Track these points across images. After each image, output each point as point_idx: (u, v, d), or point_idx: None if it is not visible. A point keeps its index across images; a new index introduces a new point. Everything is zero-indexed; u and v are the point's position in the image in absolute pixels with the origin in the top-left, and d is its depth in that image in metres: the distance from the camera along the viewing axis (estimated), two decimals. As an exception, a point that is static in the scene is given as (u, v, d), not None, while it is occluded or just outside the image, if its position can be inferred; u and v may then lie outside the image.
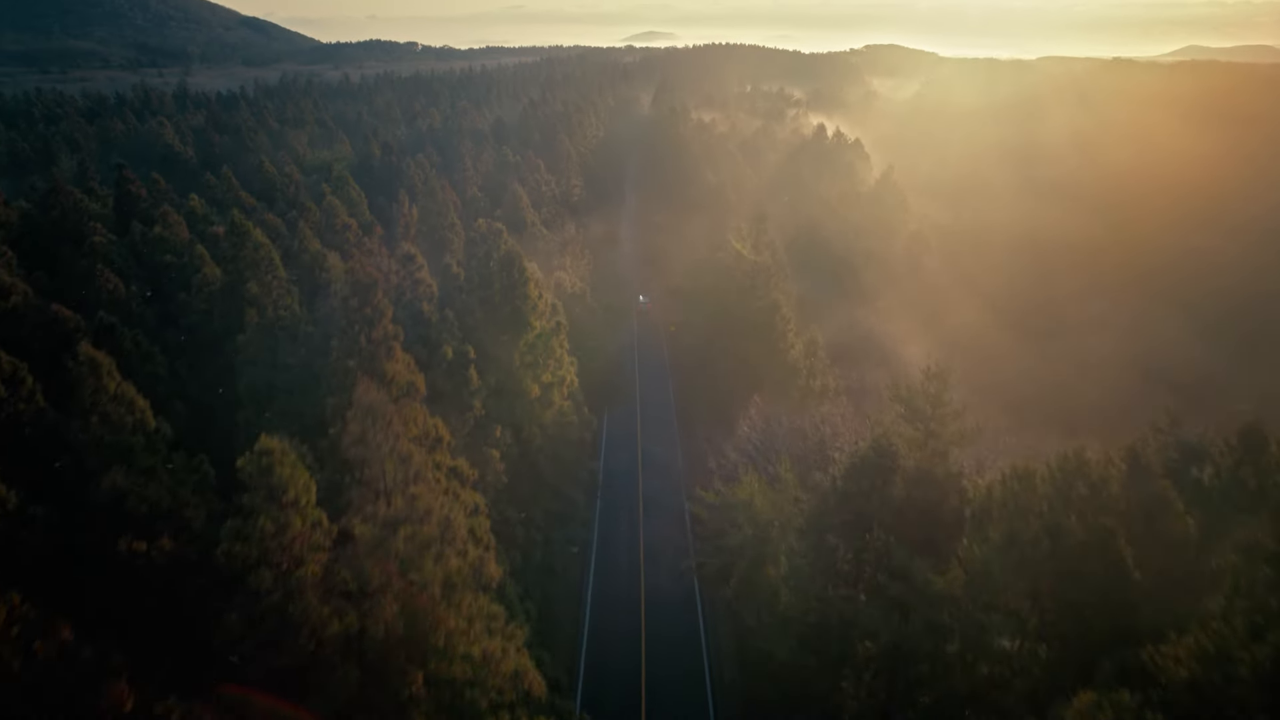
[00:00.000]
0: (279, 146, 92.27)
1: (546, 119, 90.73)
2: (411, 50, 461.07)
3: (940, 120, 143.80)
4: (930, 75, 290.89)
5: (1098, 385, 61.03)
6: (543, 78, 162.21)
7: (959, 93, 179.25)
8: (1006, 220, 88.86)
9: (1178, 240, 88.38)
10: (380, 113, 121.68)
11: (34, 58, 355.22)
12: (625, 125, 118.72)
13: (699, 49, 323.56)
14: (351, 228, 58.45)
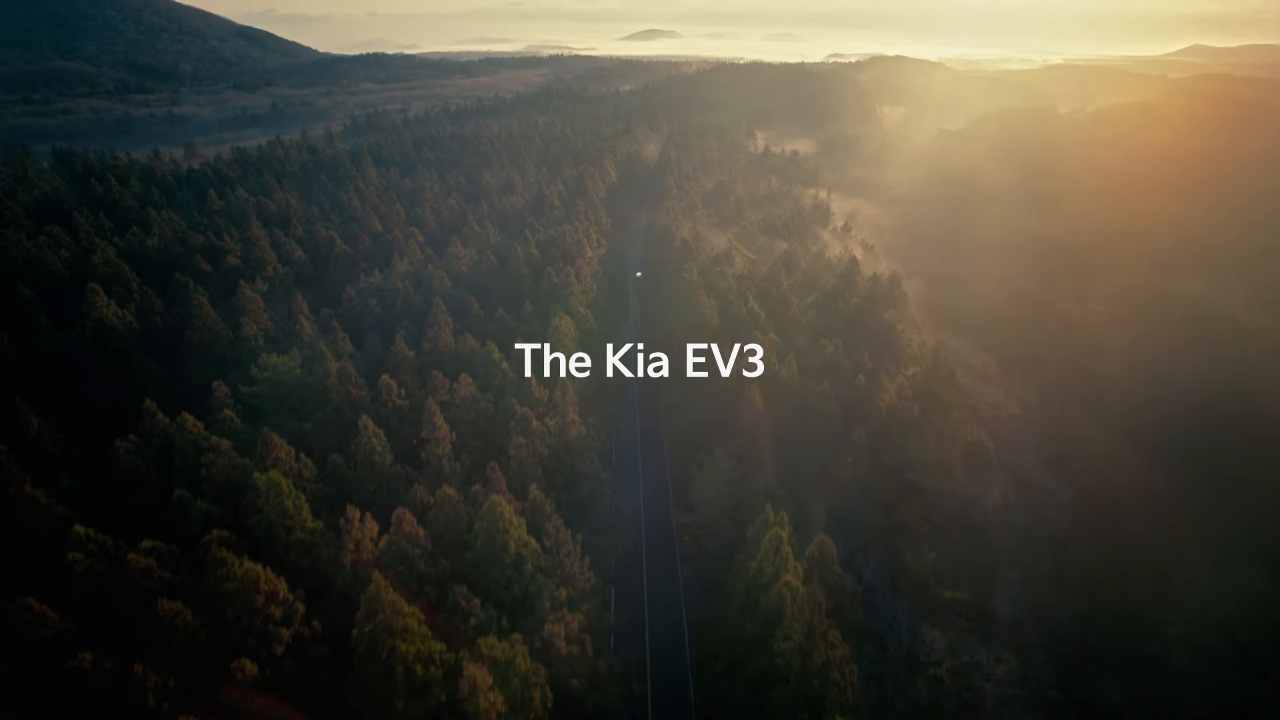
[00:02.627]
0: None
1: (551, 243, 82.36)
2: (408, 64, 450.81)
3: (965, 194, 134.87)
4: (942, 107, 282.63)
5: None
6: (542, 138, 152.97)
7: (978, 143, 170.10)
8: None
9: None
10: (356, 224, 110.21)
11: (20, 80, 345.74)
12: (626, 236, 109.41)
13: (703, 73, 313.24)
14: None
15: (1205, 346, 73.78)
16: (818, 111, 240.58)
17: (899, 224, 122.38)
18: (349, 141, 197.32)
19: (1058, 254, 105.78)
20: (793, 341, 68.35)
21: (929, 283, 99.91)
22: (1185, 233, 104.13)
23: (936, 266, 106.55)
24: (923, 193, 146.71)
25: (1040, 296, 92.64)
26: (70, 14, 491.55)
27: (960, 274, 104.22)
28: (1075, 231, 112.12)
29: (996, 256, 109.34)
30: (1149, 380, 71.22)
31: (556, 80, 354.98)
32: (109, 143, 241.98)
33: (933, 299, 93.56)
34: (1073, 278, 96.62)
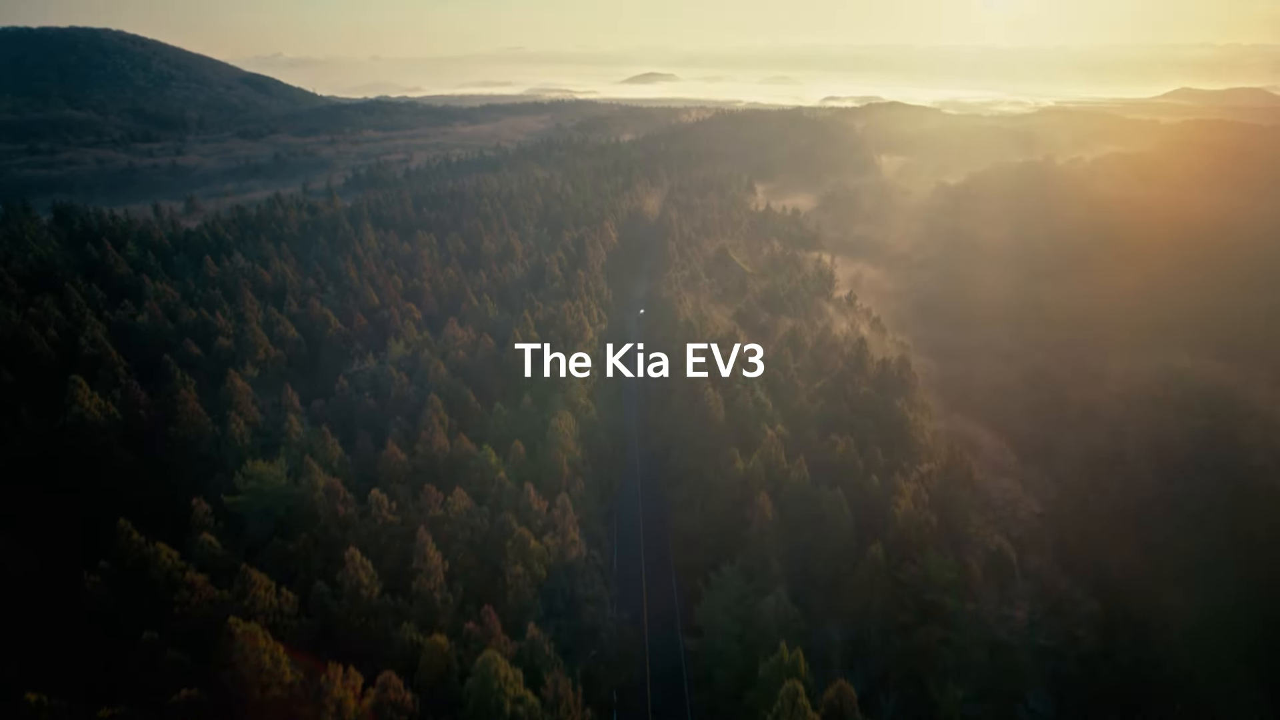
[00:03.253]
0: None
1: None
2: (411, 110, 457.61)
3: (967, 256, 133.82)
4: (939, 155, 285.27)
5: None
6: (542, 195, 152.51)
7: (978, 201, 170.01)
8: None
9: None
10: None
11: (28, 129, 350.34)
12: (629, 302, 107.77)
13: (702, 122, 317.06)
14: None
15: (1229, 434, 71.16)
16: (816, 163, 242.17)
17: (903, 289, 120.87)
18: (350, 196, 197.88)
19: (1067, 325, 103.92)
20: (802, 435, 65.72)
21: (937, 356, 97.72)
22: (1196, 304, 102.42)
23: (943, 337, 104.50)
24: (925, 253, 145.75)
25: (1052, 374, 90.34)
26: (81, 63, 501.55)
27: (968, 345, 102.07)
28: (1083, 300, 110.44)
29: (1004, 327, 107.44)
30: (1173, 472, 68.38)
31: (557, 129, 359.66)
32: (112, 195, 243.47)
33: (942, 376, 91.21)
34: (1085, 353, 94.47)
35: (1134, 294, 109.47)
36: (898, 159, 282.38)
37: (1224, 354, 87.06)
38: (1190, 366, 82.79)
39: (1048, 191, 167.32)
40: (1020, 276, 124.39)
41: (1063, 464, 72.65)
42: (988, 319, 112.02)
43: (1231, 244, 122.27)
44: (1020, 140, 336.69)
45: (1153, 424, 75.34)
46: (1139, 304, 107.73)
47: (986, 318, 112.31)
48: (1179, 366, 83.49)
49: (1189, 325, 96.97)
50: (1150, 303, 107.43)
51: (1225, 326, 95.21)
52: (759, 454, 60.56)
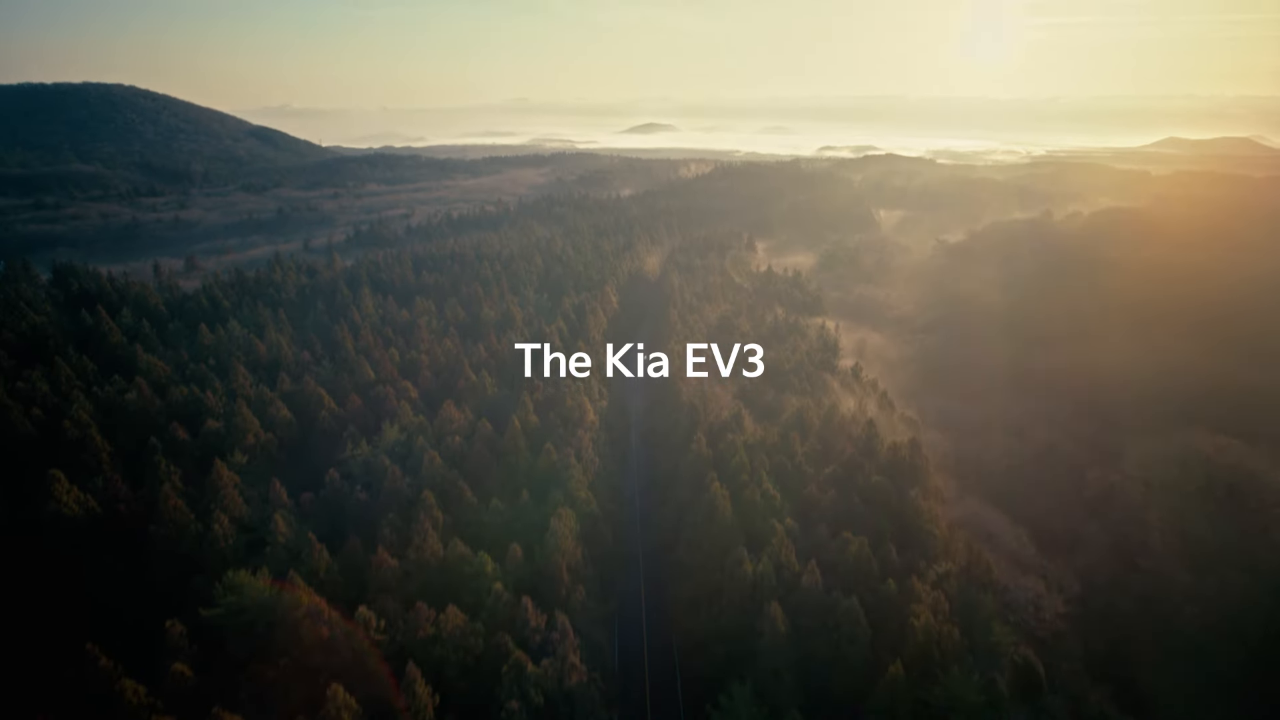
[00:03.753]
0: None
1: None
2: (414, 163, 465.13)
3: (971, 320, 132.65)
4: (937, 209, 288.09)
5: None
6: (543, 255, 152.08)
7: (979, 262, 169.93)
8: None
9: None
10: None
11: (36, 183, 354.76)
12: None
13: (702, 178, 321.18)
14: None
15: (1259, 526, 68.23)
16: (816, 218, 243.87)
17: (907, 356, 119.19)
18: (351, 254, 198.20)
19: (1076, 397, 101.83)
20: (812, 531, 62.81)
21: (946, 430, 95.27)
22: (1207, 377, 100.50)
23: (951, 409, 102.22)
24: (928, 316, 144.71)
25: (1066, 452, 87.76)
26: (91, 117, 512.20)
27: (977, 417, 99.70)
28: (1090, 370, 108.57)
29: (1012, 397, 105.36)
30: (1202, 567, 65.22)
31: (558, 182, 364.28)
32: (114, 250, 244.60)
33: (953, 454, 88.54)
34: (1097, 429, 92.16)
35: (1142, 364, 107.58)
36: (896, 213, 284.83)
37: (1241, 432, 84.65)
38: (1210, 448, 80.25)
39: (1048, 253, 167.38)
40: (1025, 343, 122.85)
41: (1085, 556, 69.52)
42: (995, 389, 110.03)
43: (1237, 310, 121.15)
44: (1015, 193, 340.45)
45: (1176, 512, 72.41)
46: (1148, 375, 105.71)
47: (994, 387, 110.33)
48: (1199, 447, 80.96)
49: (1201, 399, 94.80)
50: (1159, 373, 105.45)
51: (1239, 402, 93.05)
52: (768, 554, 57.54)
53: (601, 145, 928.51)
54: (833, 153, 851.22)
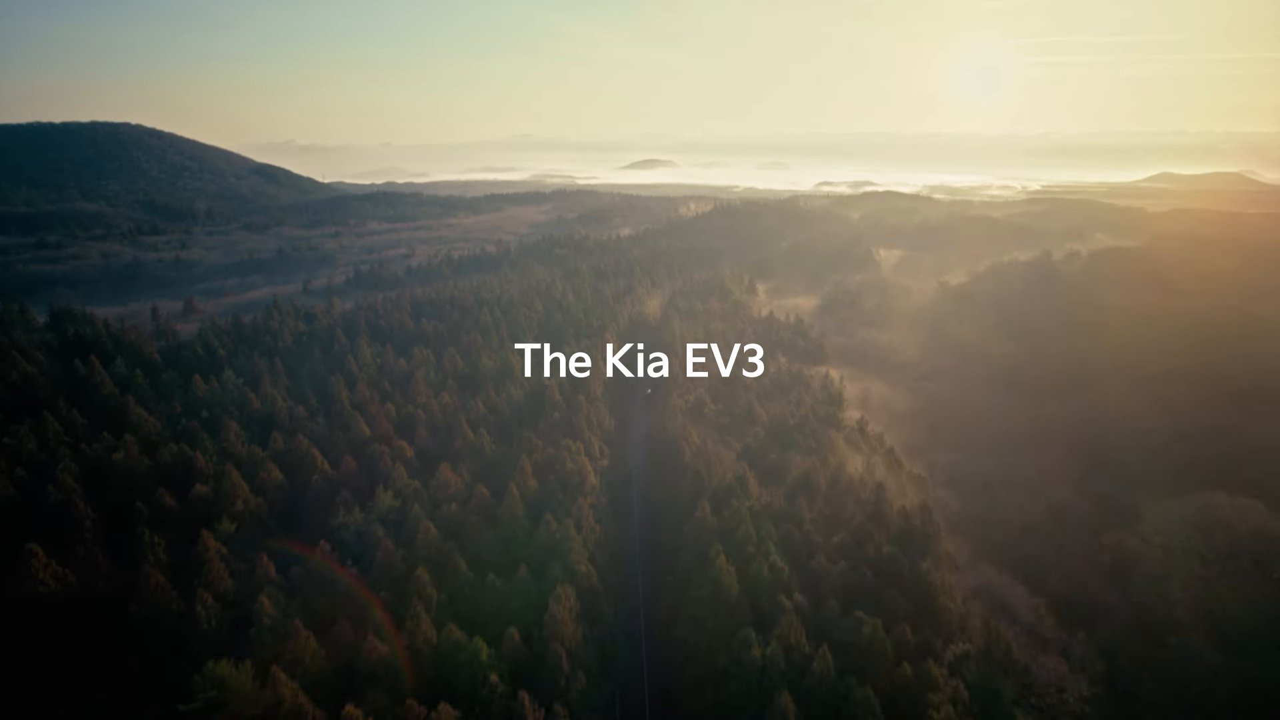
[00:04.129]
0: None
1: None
2: (416, 201, 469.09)
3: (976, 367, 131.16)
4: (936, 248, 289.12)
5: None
6: (543, 300, 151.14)
7: (982, 307, 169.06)
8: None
9: None
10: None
11: (40, 222, 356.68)
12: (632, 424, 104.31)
13: (701, 217, 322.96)
14: None
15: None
16: (816, 259, 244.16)
17: (913, 407, 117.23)
18: (351, 296, 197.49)
19: (1086, 452, 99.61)
20: (822, 607, 60.03)
21: (955, 488, 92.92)
22: (1217, 431, 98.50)
23: (959, 463, 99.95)
24: (932, 362, 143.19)
25: (1080, 513, 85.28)
26: (98, 155, 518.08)
27: (986, 473, 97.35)
28: (1099, 424, 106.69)
29: (1022, 451, 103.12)
30: (1233, 645, 62.34)
31: (559, 220, 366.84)
32: (115, 291, 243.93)
33: (964, 514, 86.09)
34: (1110, 486, 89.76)
35: (1151, 417, 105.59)
36: (895, 252, 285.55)
37: (1260, 492, 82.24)
38: (1229, 510, 77.82)
39: (1050, 298, 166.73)
40: (1030, 393, 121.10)
41: (1107, 629, 66.62)
42: (1003, 441, 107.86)
43: (1245, 363, 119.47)
44: (1013, 231, 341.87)
45: (1201, 582, 69.74)
46: (1158, 428, 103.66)
47: (1002, 440, 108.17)
48: (1217, 509, 78.52)
49: (1215, 457, 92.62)
50: (1169, 427, 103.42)
51: (1254, 460, 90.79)
52: (777, 637, 54.82)
53: (602, 181, 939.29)
54: (830, 188, 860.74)
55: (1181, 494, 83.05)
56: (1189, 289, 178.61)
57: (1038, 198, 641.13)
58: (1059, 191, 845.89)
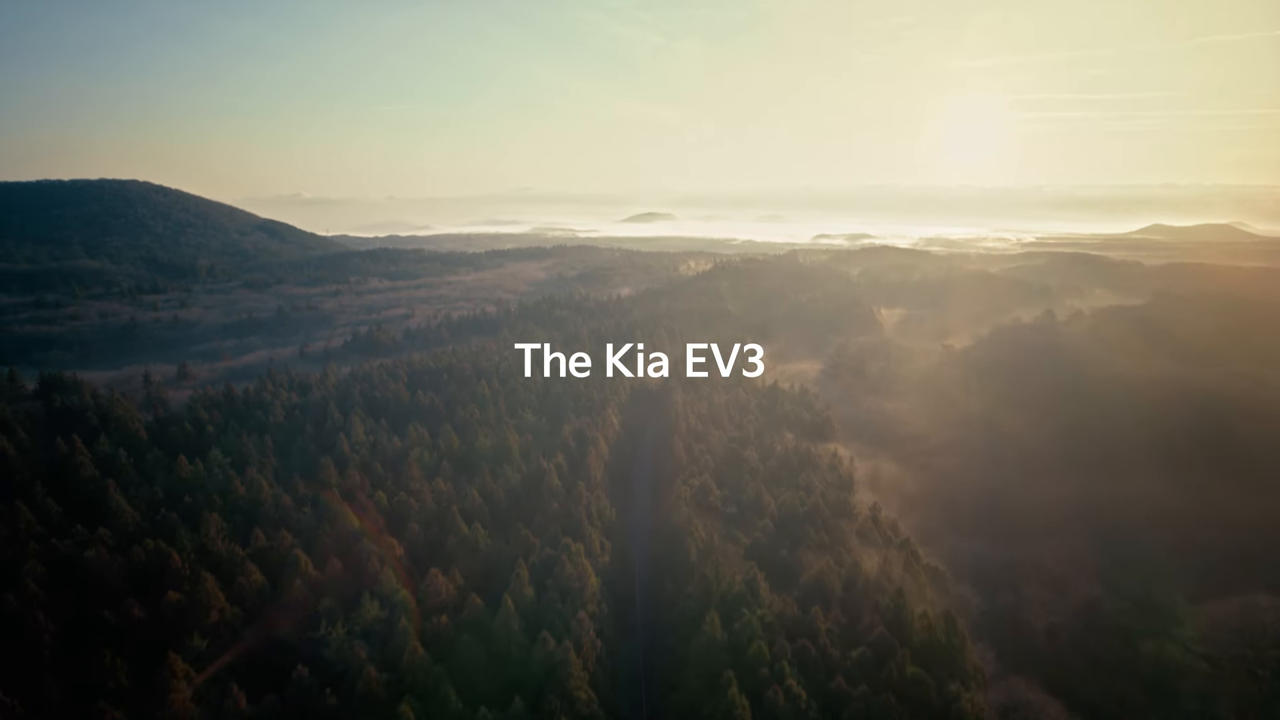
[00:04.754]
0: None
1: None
2: (417, 257, 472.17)
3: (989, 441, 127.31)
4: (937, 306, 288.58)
5: None
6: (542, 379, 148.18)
7: (989, 374, 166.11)
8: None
9: None
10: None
11: (42, 280, 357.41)
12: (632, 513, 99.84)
13: (702, 276, 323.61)
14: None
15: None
16: (817, 320, 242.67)
17: (925, 487, 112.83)
18: (348, 360, 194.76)
19: (1112, 541, 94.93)
20: (845, 741, 54.82)
21: (977, 583, 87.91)
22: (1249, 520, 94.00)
23: (979, 553, 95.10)
24: (940, 434, 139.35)
25: (1114, 613, 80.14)
26: (104, 211, 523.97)
27: (1008, 564, 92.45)
28: (1122, 508, 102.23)
29: (1043, 538, 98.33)
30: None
31: (559, 278, 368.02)
32: (110, 352, 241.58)
33: (988, 613, 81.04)
34: (1143, 583, 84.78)
35: (1175, 502, 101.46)
36: (896, 311, 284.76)
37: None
38: (1275, 616, 72.82)
39: (1058, 365, 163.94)
40: (1045, 472, 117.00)
41: (1153, 758, 61.01)
42: (1021, 525, 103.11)
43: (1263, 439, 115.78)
44: (1012, 287, 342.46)
45: (1253, 701, 64.36)
46: (1181, 512, 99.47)
47: (1019, 524, 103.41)
48: (1261, 614, 73.57)
49: (1252, 550, 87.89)
50: (1192, 510, 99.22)
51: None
52: (798, 783, 49.55)
53: (602, 234, 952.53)
54: (828, 241, 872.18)
55: (1221, 594, 78.24)
56: (1197, 353, 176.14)
57: (1033, 251, 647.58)
58: (1054, 244, 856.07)
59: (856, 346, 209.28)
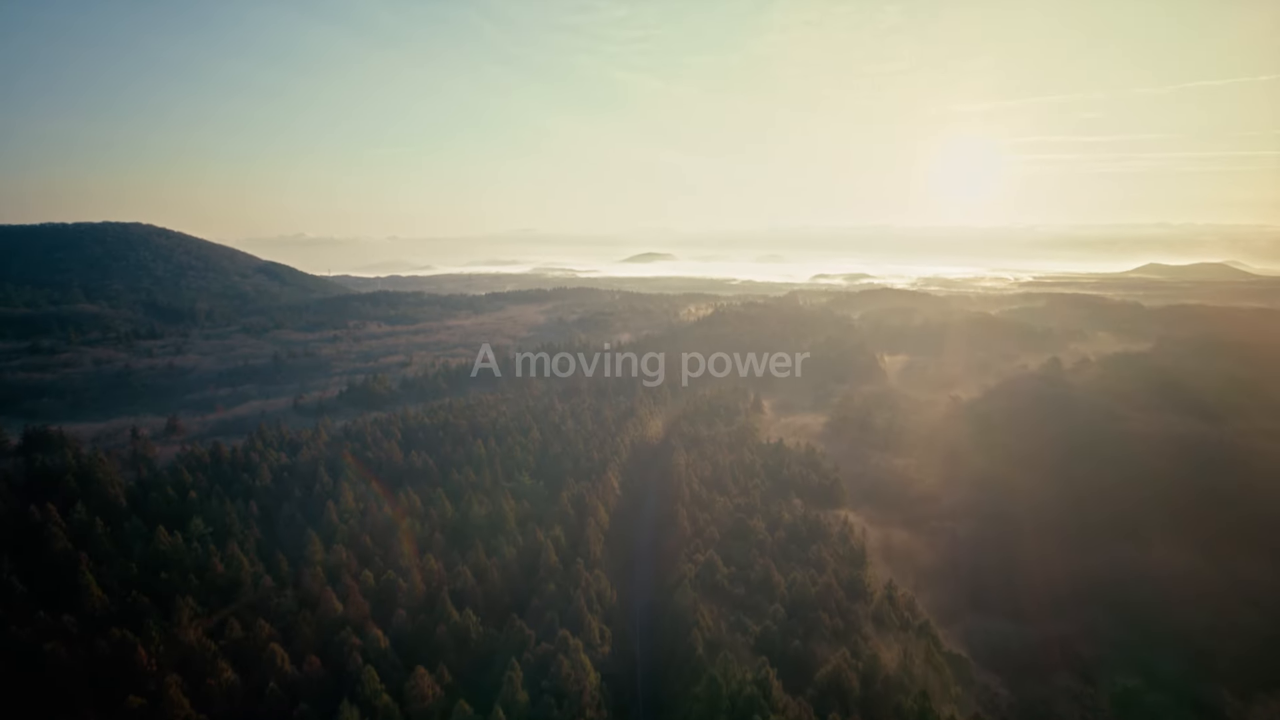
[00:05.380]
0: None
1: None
2: (417, 300, 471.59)
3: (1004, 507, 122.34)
4: (940, 351, 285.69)
5: None
6: (539, 426, 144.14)
7: (1000, 429, 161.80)
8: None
9: None
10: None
11: (39, 324, 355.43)
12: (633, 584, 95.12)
13: (703, 322, 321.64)
14: None
15: None
16: (820, 368, 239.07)
17: (941, 559, 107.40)
18: (341, 414, 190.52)
19: (1149, 623, 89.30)
20: None
21: (1003, 670, 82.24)
22: None
23: (1004, 635, 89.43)
24: (952, 495, 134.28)
25: (1156, 709, 74.40)
26: (106, 254, 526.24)
27: (1036, 648, 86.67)
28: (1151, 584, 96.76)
29: (1070, 618, 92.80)
30: None
31: (559, 322, 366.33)
32: (101, 402, 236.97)
33: (1018, 708, 75.30)
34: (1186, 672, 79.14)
35: (1211, 580, 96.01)
36: (899, 357, 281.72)
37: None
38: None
39: (1070, 419, 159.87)
40: (1065, 539, 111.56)
41: None
42: (1045, 602, 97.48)
43: None
44: (1014, 331, 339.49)
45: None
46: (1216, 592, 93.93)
47: (1043, 600, 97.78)
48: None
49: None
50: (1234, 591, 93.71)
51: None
52: None
53: (603, 275, 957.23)
54: (827, 281, 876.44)
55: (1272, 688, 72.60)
56: (1211, 406, 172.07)
57: (1032, 291, 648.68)
58: (1051, 283, 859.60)
59: (861, 397, 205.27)
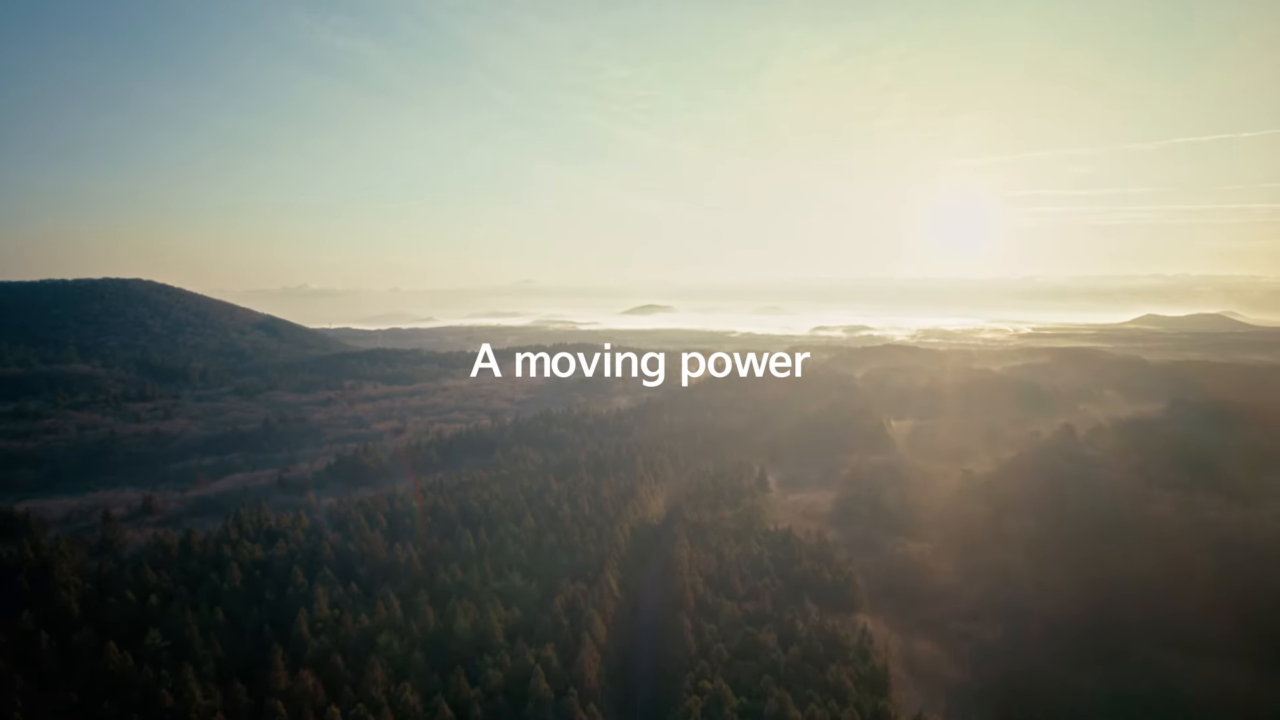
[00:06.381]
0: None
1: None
2: (415, 358, 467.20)
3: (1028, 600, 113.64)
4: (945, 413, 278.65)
5: None
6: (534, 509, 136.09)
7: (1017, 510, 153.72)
8: None
9: None
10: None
11: (27, 385, 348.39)
12: None
13: (704, 386, 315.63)
14: None
15: None
16: (826, 436, 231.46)
17: (971, 674, 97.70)
18: (327, 490, 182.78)
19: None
20: None
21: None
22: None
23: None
24: (974, 589, 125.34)
25: None
26: (103, 311, 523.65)
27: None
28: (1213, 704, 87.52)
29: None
30: None
31: (558, 384, 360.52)
32: (80, 472, 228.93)
33: None
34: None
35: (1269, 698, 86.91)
36: (905, 422, 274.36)
37: None
38: None
39: (1092, 499, 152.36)
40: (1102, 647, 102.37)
41: None
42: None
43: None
44: (1022, 392, 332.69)
45: None
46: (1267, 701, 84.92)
47: None
48: None
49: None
50: None
51: None
52: None
53: (603, 326, 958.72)
54: (827, 333, 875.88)
55: None
56: (1240, 485, 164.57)
57: (1032, 345, 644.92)
58: (1051, 334, 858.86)
59: (870, 469, 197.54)
